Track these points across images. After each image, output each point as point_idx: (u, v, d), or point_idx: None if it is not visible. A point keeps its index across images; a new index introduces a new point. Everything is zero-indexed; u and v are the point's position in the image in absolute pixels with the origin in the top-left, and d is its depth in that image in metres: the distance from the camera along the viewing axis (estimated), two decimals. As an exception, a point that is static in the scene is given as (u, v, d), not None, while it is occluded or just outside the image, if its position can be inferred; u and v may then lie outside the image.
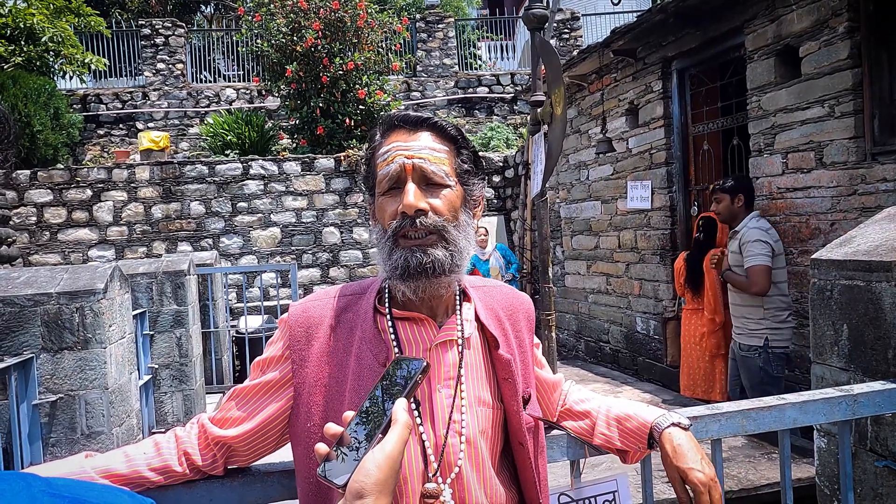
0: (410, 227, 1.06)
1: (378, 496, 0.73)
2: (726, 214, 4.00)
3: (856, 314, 1.99)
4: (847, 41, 3.69)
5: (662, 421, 1.24)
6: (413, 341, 1.10)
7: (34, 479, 0.56)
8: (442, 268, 1.06)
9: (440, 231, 1.07)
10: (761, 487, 3.14)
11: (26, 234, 8.67)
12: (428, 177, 1.08)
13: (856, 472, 1.99)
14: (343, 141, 9.88)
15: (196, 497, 1.18)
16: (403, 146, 1.09)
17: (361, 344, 1.08)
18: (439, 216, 1.08)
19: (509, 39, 15.78)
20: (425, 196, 1.07)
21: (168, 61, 12.77)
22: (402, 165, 1.07)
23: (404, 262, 1.06)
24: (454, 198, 1.10)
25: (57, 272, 3.48)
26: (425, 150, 1.09)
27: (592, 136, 6.62)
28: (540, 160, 3.62)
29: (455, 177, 1.11)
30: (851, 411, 1.57)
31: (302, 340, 1.11)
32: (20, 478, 0.55)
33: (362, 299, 1.15)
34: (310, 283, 9.13)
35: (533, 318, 1.26)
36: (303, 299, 1.18)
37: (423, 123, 1.11)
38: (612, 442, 1.30)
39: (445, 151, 1.11)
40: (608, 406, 1.33)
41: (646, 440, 1.26)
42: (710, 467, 1.19)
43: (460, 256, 1.09)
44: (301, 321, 1.13)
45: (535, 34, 3.60)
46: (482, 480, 1.09)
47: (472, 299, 1.18)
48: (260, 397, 1.13)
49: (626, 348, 6.28)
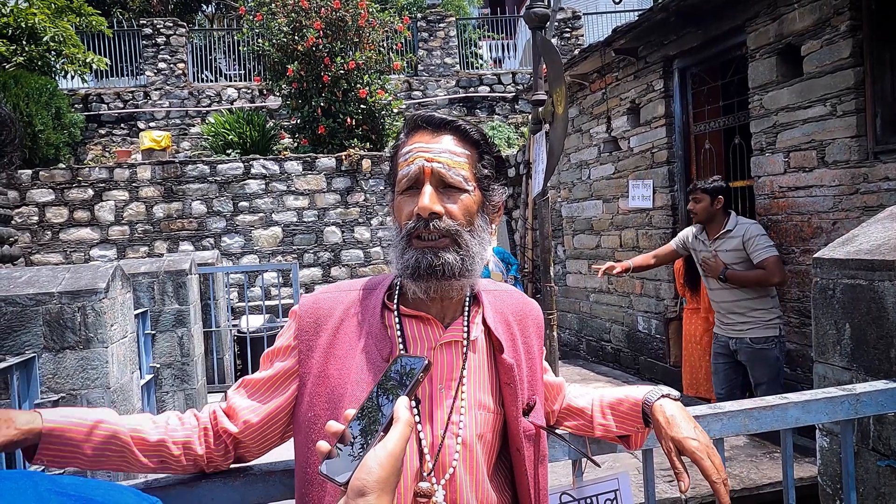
0: (424, 228, 1.07)
1: (380, 494, 0.73)
2: (703, 215, 3.97)
3: (858, 313, 1.99)
4: (849, 40, 3.68)
5: (651, 395, 1.25)
6: (418, 339, 1.11)
7: (41, 478, 0.56)
8: (451, 271, 1.07)
9: (453, 235, 1.08)
10: (763, 487, 3.13)
11: (28, 233, 8.69)
12: (446, 180, 1.08)
13: (858, 471, 1.99)
14: (344, 140, 9.88)
15: (198, 496, 1.18)
16: (425, 148, 1.09)
17: (367, 338, 1.09)
18: (454, 220, 1.08)
19: (510, 38, 15.77)
20: (442, 199, 1.08)
21: (169, 61, 12.77)
22: (421, 168, 1.08)
23: (415, 263, 1.07)
24: (471, 203, 1.10)
25: (59, 272, 3.48)
26: (445, 153, 1.09)
27: (594, 136, 6.62)
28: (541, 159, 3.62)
29: (474, 181, 1.11)
30: (854, 410, 1.56)
31: (310, 331, 1.12)
32: (27, 476, 0.55)
33: (373, 294, 1.15)
34: (311, 282, 9.14)
35: (542, 326, 1.26)
36: (315, 291, 1.19)
37: (446, 126, 1.11)
38: (611, 429, 1.30)
39: (466, 156, 1.11)
40: (600, 396, 1.33)
41: (641, 418, 1.26)
42: (705, 435, 1.19)
43: (472, 261, 1.09)
44: (311, 312, 1.13)
45: (536, 33, 3.60)
46: (475, 484, 1.09)
47: (483, 303, 1.18)
48: (268, 389, 1.13)
49: (628, 347, 6.28)
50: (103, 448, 1.05)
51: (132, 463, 1.08)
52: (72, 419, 1.05)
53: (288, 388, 1.12)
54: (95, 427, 1.05)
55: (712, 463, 1.15)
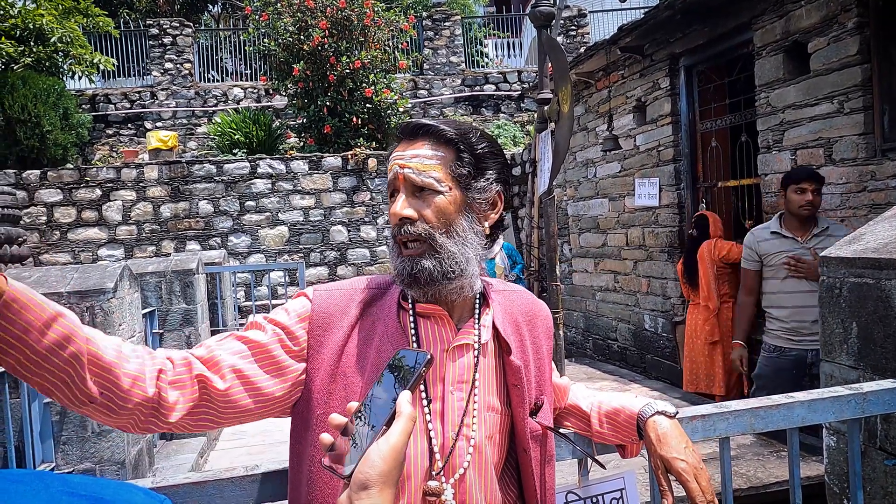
0: (399, 234, 1.10)
1: (382, 487, 0.74)
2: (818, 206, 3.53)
3: (865, 312, 1.98)
4: (856, 37, 3.66)
5: (647, 410, 1.25)
6: (432, 341, 1.12)
7: (51, 478, 0.56)
8: (431, 277, 1.07)
9: (426, 239, 1.09)
10: (770, 485, 3.12)
11: (37, 233, 8.74)
12: (416, 184, 1.09)
13: (865, 470, 1.98)
14: (350, 139, 9.89)
15: (207, 495, 1.19)
16: (399, 155, 1.12)
17: (383, 338, 1.09)
18: (427, 223, 1.09)
19: (516, 37, 15.74)
20: (417, 203, 1.09)
21: (176, 61, 12.81)
22: (395, 174, 1.11)
23: (400, 270, 1.11)
24: (445, 204, 1.10)
25: (67, 272, 3.50)
26: (416, 158, 1.10)
27: (600, 134, 6.60)
28: (547, 158, 3.62)
29: (450, 181, 1.10)
30: (861, 409, 1.56)
31: (322, 326, 1.10)
32: (38, 477, 0.56)
33: (387, 294, 1.16)
34: (317, 280, 9.16)
35: (551, 328, 1.27)
36: (328, 284, 1.18)
37: (419, 130, 1.13)
38: (607, 438, 1.32)
39: (439, 157, 1.10)
40: (599, 402, 1.33)
41: (636, 431, 1.26)
42: (696, 455, 1.18)
43: (454, 263, 1.08)
44: (324, 307, 1.12)
45: (541, 31, 3.59)
46: (484, 483, 1.10)
47: (493, 304, 1.18)
48: (265, 359, 1.07)
49: (634, 346, 6.27)
50: (54, 348, 0.87)
51: (74, 381, 0.90)
52: (35, 299, 0.86)
53: (287, 376, 1.08)
54: (54, 319, 0.88)
55: (698, 485, 1.14)
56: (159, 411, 0.99)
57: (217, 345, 1.08)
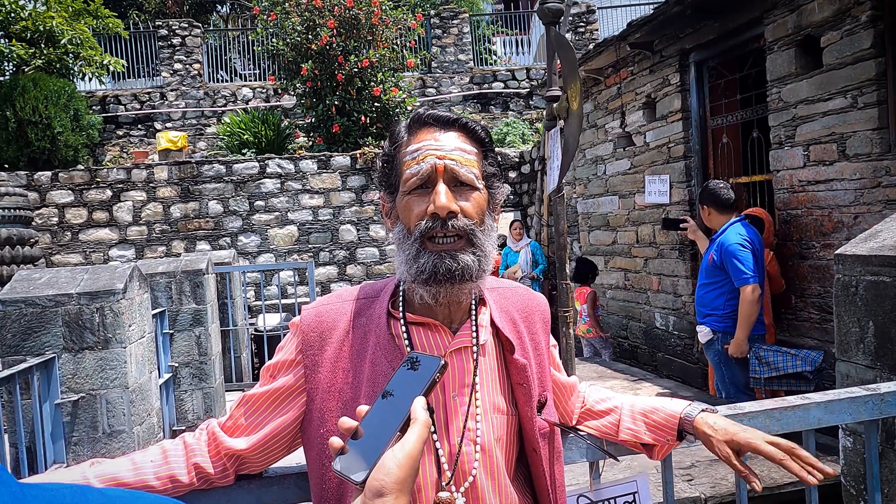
0: (441, 228, 1.03)
1: (398, 495, 0.73)
2: None
3: (882, 311, 1.94)
4: (870, 30, 3.60)
5: (692, 410, 1.25)
6: (427, 347, 1.09)
7: (91, 493, 0.55)
8: (470, 274, 1.04)
9: (469, 235, 1.05)
10: (785, 486, 3.09)
11: (48, 234, 8.80)
12: (459, 178, 1.05)
13: (883, 471, 1.95)
14: (359, 138, 9.90)
15: (213, 499, 1.18)
16: (435, 146, 1.06)
17: (376, 349, 1.06)
18: (469, 219, 1.05)
19: (524, 34, 15.70)
20: (455, 197, 1.05)
21: (185, 61, 12.87)
22: (433, 166, 1.04)
23: (433, 268, 1.03)
24: (482, 201, 1.08)
25: (77, 273, 3.51)
26: (457, 150, 1.06)
27: (609, 131, 6.56)
28: (556, 155, 3.59)
29: (482, 180, 1.09)
30: (878, 410, 1.53)
31: (315, 345, 1.09)
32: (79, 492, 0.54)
33: (375, 303, 1.12)
34: (327, 280, 9.17)
35: (549, 320, 1.24)
36: (314, 303, 1.15)
37: (453, 123, 1.09)
38: (640, 436, 1.29)
39: (474, 153, 1.09)
40: (631, 402, 1.33)
41: (675, 431, 1.25)
42: (755, 430, 1.22)
43: (486, 261, 1.07)
44: (314, 325, 1.10)
45: (550, 28, 3.57)
46: (497, 488, 1.08)
47: (488, 303, 1.16)
48: (271, 405, 1.10)
49: (645, 344, 6.23)
50: None
51: None
52: None
53: (293, 405, 1.09)
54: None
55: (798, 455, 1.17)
56: (210, 483, 1.12)
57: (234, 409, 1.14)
